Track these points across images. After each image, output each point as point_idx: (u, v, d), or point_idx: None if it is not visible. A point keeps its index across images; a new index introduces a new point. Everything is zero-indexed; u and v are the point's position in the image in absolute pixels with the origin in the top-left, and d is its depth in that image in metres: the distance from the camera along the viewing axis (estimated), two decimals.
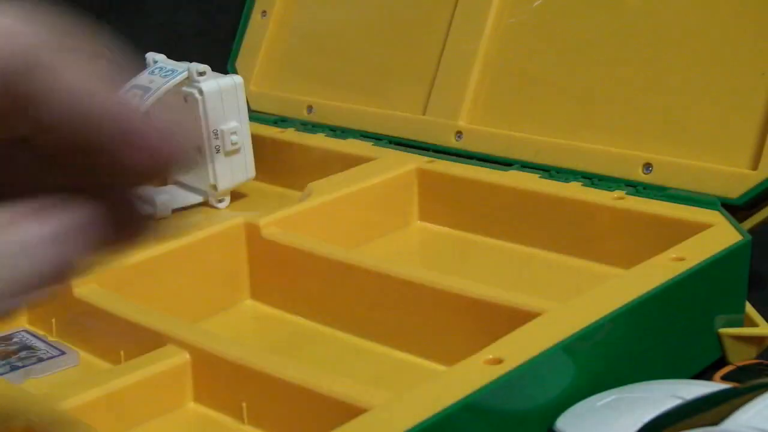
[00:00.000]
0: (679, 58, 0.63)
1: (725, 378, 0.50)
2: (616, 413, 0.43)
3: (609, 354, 0.48)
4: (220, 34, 0.93)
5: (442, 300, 0.53)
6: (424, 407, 0.41)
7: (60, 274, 0.30)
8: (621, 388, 0.46)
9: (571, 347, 0.46)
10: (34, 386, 0.52)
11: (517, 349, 0.45)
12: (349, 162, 0.71)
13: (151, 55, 0.73)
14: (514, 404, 0.44)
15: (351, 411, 0.42)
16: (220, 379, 0.48)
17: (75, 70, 0.31)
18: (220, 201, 0.74)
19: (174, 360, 0.49)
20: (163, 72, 0.71)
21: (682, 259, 0.52)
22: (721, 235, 0.55)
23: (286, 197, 0.73)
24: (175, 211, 0.73)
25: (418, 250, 0.67)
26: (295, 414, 0.45)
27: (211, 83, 0.70)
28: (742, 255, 0.55)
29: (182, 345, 0.49)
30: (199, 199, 0.74)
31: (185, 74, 0.70)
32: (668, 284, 0.50)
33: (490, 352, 0.44)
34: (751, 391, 0.40)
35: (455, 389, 0.42)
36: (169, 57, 0.73)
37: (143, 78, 0.71)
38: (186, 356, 0.49)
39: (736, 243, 0.54)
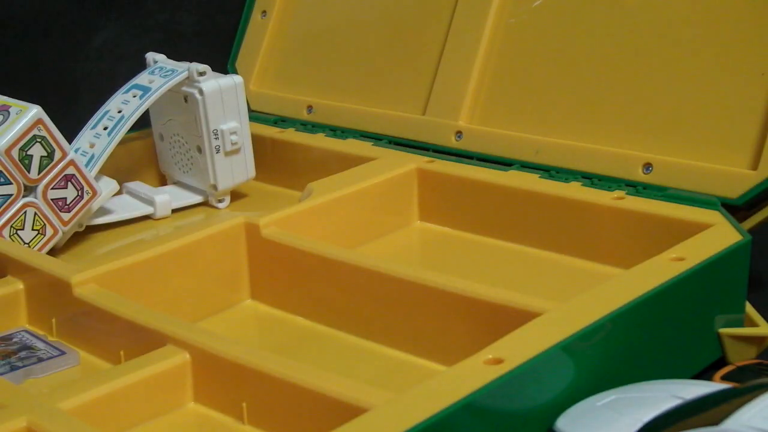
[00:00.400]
0: (678, 58, 0.63)
1: (725, 378, 0.49)
2: (616, 413, 0.43)
3: (609, 354, 0.48)
4: (220, 34, 0.93)
5: (442, 300, 0.53)
6: (424, 407, 0.41)
7: None
8: (621, 388, 0.46)
9: (571, 347, 0.46)
10: (34, 386, 0.52)
11: (517, 349, 0.45)
12: (349, 162, 0.71)
13: (151, 55, 0.73)
14: (514, 404, 0.44)
15: (351, 411, 0.42)
16: (220, 379, 0.48)
17: None
18: (220, 201, 0.74)
19: (174, 360, 0.49)
20: (163, 72, 0.71)
21: (682, 259, 0.52)
22: (721, 235, 0.55)
23: (286, 197, 0.73)
24: (175, 211, 0.73)
25: (418, 250, 0.67)
26: (295, 414, 0.45)
27: (212, 83, 0.70)
28: (742, 255, 0.55)
29: (182, 345, 0.49)
30: (199, 199, 0.74)
31: (185, 74, 0.71)
32: (668, 284, 0.50)
33: (490, 352, 0.44)
34: (751, 391, 0.40)
35: (455, 389, 0.42)
36: (169, 57, 0.73)
37: (143, 78, 0.71)
38: (186, 356, 0.49)
39: (736, 243, 0.54)
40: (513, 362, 0.44)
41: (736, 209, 0.59)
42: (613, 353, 0.48)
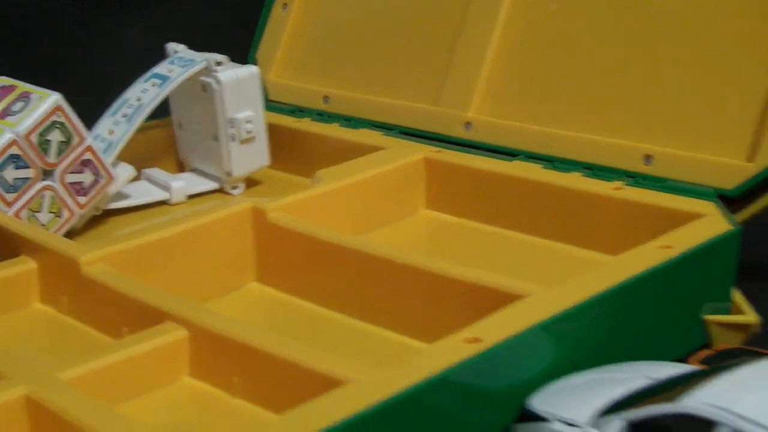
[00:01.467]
0: (679, 52, 0.64)
1: (703, 362, 0.50)
2: (588, 392, 0.44)
3: (589, 337, 0.49)
4: (243, 27, 0.95)
5: (443, 285, 0.54)
6: (401, 380, 0.42)
7: None
8: (596, 369, 0.47)
9: (550, 329, 0.47)
10: (35, 357, 0.54)
11: (497, 329, 0.46)
12: (360, 151, 0.72)
13: (171, 46, 0.75)
14: (490, 382, 0.45)
15: (332, 383, 0.43)
16: (214, 354, 0.50)
17: None
18: (235, 188, 0.75)
19: (172, 336, 0.51)
20: (182, 62, 0.73)
21: (669, 247, 0.53)
22: (711, 224, 0.56)
23: (300, 185, 0.75)
24: (191, 197, 0.75)
25: (423, 237, 0.68)
26: (281, 386, 0.47)
27: (229, 73, 0.72)
28: (731, 244, 0.55)
29: (181, 322, 0.51)
30: (214, 185, 0.75)
31: (204, 64, 0.72)
32: (652, 270, 0.51)
33: (470, 332, 0.46)
34: (716, 372, 0.41)
35: (432, 365, 0.43)
36: (192, 49, 0.75)
37: (163, 67, 0.73)
38: (184, 332, 0.51)
39: (724, 233, 0.55)
40: (490, 341, 0.45)
41: (732, 200, 0.60)
42: (593, 337, 0.49)
